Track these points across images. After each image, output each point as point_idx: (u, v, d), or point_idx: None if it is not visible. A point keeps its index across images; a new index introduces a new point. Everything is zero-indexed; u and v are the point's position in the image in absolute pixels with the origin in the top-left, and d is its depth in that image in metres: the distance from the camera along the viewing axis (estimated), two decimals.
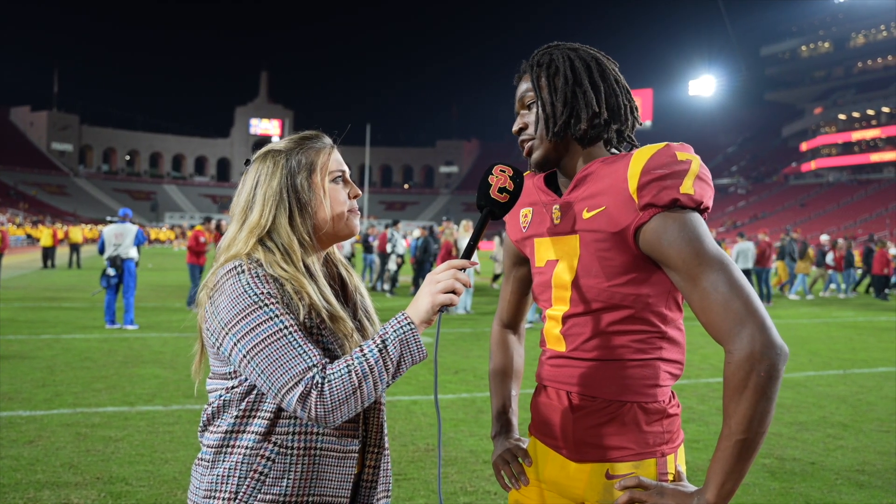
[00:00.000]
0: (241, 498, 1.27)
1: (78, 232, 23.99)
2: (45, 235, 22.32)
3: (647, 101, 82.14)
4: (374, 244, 16.26)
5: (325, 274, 1.43)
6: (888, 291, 18.15)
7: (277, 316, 1.25)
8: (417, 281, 14.79)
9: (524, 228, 1.50)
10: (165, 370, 6.61)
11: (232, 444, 1.30)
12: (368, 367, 1.24)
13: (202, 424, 1.36)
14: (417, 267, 14.44)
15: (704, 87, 79.68)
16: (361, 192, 1.51)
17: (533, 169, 1.46)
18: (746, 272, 15.17)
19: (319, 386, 1.21)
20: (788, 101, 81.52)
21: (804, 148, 72.47)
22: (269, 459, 1.27)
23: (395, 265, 15.13)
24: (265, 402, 1.29)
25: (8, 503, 3.41)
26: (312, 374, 1.22)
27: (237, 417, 1.30)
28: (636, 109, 1.43)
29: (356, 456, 1.36)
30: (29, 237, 40.29)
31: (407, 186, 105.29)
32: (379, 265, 15.66)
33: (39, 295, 13.50)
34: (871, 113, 66.63)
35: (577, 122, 1.37)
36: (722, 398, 1.23)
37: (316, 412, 1.21)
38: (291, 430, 1.29)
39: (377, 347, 1.25)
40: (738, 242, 15.82)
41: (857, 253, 19.98)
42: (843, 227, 50.24)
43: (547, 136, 1.38)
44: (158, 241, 49.63)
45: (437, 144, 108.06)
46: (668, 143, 1.31)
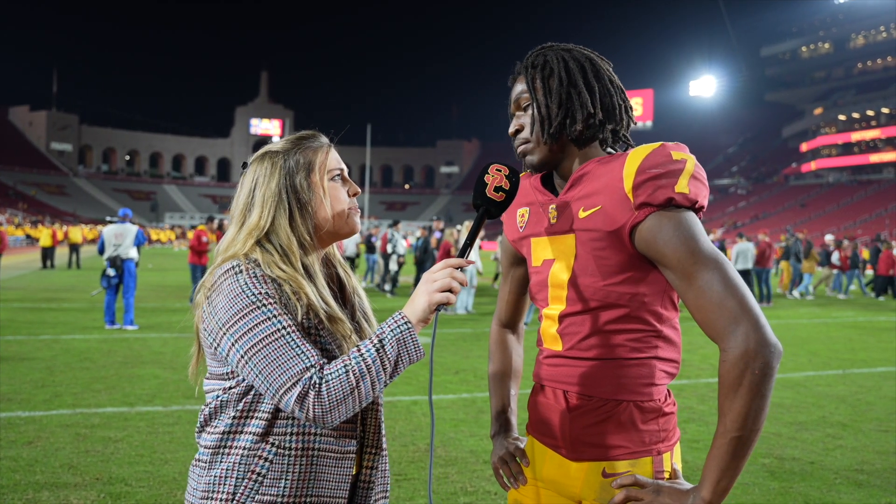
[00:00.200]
0: (238, 499, 1.26)
1: (77, 232, 23.98)
2: (44, 236, 22.32)
3: (647, 101, 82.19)
4: (377, 244, 16.37)
5: (324, 274, 1.43)
6: (887, 293, 18.12)
7: (275, 316, 1.25)
8: (418, 281, 14.79)
9: (521, 228, 1.51)
10: (165, 371, 6.61)
11: (229, 444, 1.29)
12: (366, 366, 1.23)
13: (199, 425, 1.35)
14: (419, 267, 14.45)
15: (705, 87, 79.79)
16: (361, 191, 1.51)
17: (530, 170, 1.47)
18: (746, 272, 15.17)
19: (317, 386, 1.21)
20: (789, 101, 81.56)
21: (804, 148, 72.49)
22: (266, 460, 1.27)
23: (395, 265, 15.15)
24: (263, 402, 1.29)
25: None
26: (310, 374, 1.22)
27: (235, 418, 1.30)
28: (631, 109, 1.43)
29: (354, 456, 1.36)
30: (28, 237, 40.29)
31: (407, 186, 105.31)
32: (382, 265, 15.71)
33: (39, 295, 13.50)
34: (870, 113, 66.65)
35: (572, 123, 1.37)
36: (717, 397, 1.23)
37: (314, 412, 1.21)
38: (289, 430, 1.28)
39: (374, 347, 1.25)
40: (737, 243, 15.83)
41: (860, 253, 19.86)
42: (842, 227, 50.22)
43: (543, 137, 1.39)
44: (159, 241, 49.62)
45: (437, 144, 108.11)
46: (663, 142, 1.31)
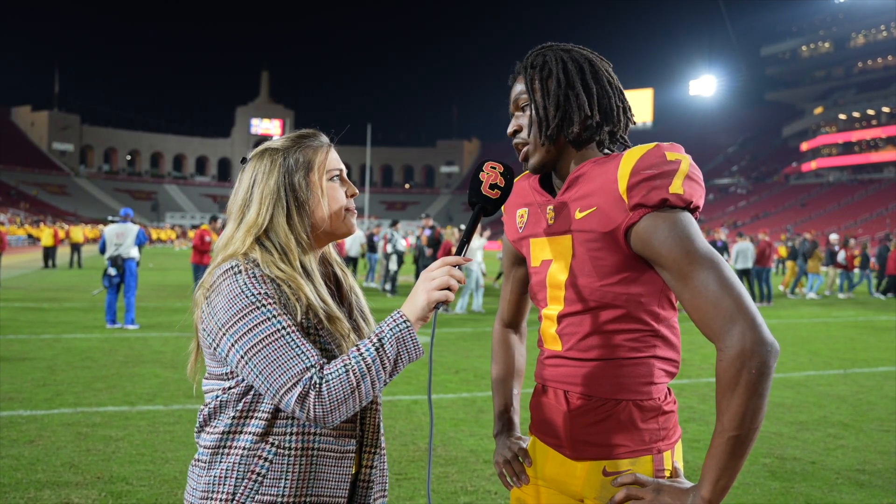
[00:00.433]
0: (238, 499, 1.26)
1: (79, 232, 24.02)
2: (46, 235, 22.35)
3: (647, 101, 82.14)
4: (378, 244, 16.42)
5: (321, 273, 1.43)
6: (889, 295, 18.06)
7: (275, 316, 1.25)
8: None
9: (520, 229, 1.51)
10: (166, 370, 6.61)
11: (229, 445, 1.29)
12: (366, 366, 1.23)
13: (198, 425, 1.35)
14: (418, 265, 14.50)
15: (705, 87, 79.75)
16: (362, 191, 1.52)
17: (530, 171, 1.47)
18: (746, 272, 15.17)
19: (318, 386, 1.21)
20: (789, 100, 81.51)
21: (805, 148, 72.44)
22: (266, 460, 1.27)
23: (395, 265, 15.16)
24: (262, 402, 1.29)
25: (8, 503, 3.41)
26: (310, 374, 1.22)
27: (234, 418, 1.29)
28: (629, 109, 1.43)
29: (353, 456, 1.36)
30: (30, 237, 40.32)
31: (408, 186, 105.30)
32: (384, 265, 15.75)
33: (40, 295, 13.50)
34: (871, 113, 66.59)
35: (569, 125, 1.38)
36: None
37: (314, 412, 1.21)
38: (289, 430, 1.28)
39: (374, 346, 1.25)
40: (737, 242, 15.83)
41: (870, 253, 19.77)
42: (843, 226, 50.17)
43: (540, 139, 1.39)
44: (160, 240, 49.64)
45: (437, 144, 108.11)
46: (657, 143, 1.31)
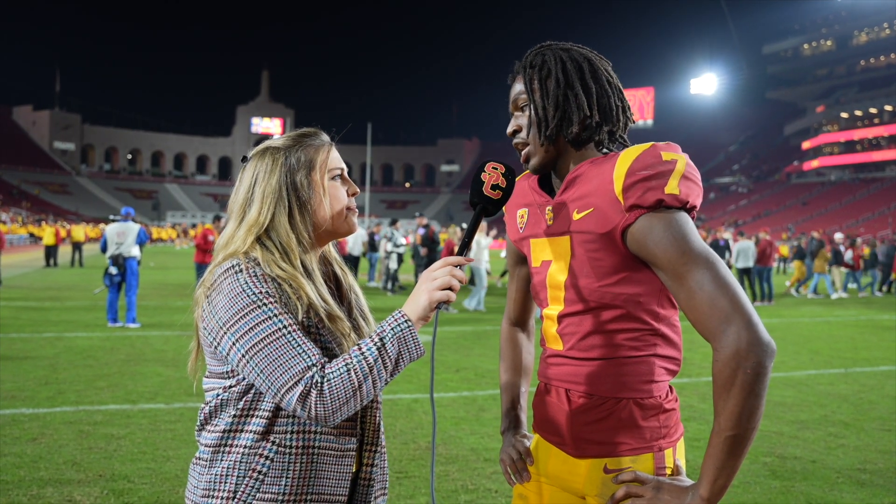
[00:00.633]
0: (239, 497, 1.27)
1: (80, 231, 24.01)
2: (47, 234, 22.37)
3: (648, 99, 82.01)
4: (379, 243, 16.47)
5: (321, 272, 1.43)
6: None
7: (276, 315, 1.25)
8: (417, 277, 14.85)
9: (521, 229, 1.52)
10: (167, 368, 6.62)
11: (230, 443, 1.29)
12: (368, 365, 1.23)
13: (199, 423, 1.35)
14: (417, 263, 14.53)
15: (706, 85, 79.57)
16: (362, 190, 1.52)
17: (530, 171, 1.48)
18: (747, 270, 15.17)
19: (319, 385, 1.21)
20: (790, 99, 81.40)
21: (806, 146, 72.36)
22: (267, 458, 1.27)
23: (395, 264, 15.17)
24: (263, 401, 1.29)
25: (11, 500, 3.42)
26: (312, 373, 1.22)
27: (235, 417, 1.30)
28: (628, 109, 1.43)
29: (354, 454, 1.36)
30: (31, 236, 40.34)
31: (408, 185, 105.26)
32: (385, 264, 15.78)
33: (42, 294, 13.52)
34: (873, 111, 66.50)
35: (568, 126, 1.38)
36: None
37: (316, 411, 1.21)
38: (290, 429, 1.29)
39: (375, 346, 1.25)
40: (738, 241, 15.83)
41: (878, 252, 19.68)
42: (845, 225, 50.13)
43: (539, 140, 1.39)
44: (161, 239, 49.67)
45: (438, 143, 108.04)
46: (653, 143, 1.31)
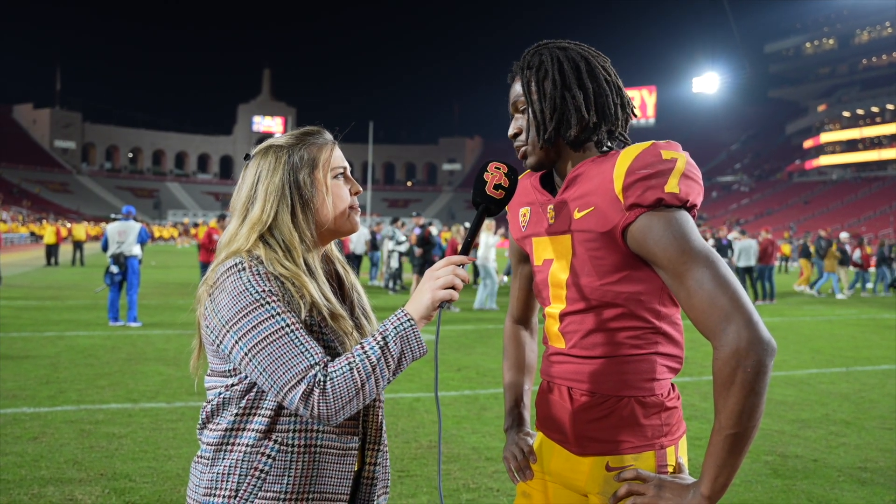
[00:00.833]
0: (241, 495, 1.27)
1: (81, 230, 24.04)
2: (48, 233, 22.40)
3: (650, 98, 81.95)
4: (381, 242, 16.54)
5: (324, 271, 1.43)
6: None
7: (279, 314, 1.25)
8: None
9: (523, 228, 1.53)
10: (169, 367, 6.63)
11: (232, 441, 1.29)
12: (370, 364, 1.23)
13: (201, 422, 1.36)
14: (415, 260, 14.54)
15: (708, 84, 79.50)
16: (364, 189, 1.52)
17: (530, 170, 1.49)
18: (749, 269, 15.17)
19: (322, 384, 1.21)
20: (792, 98, 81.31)
21: (808, 145, 72.27)
22: (269, 457, 1.27)
23: (396, 262, 15.18)
24: (265, 399, 1.29)
25: (13, 499, 3.43)
26: (315, 371, 1.22)
27: (237, 415, 1.30)
28: (628, 105, 1.43)
29: (356, 453, 1.36)
30: (32, 235, 40.37)
31: (410, 184, 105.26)
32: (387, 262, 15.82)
33: (43, 293, 13.53)
34: (875, 110, 66.43)
35: (567, 127, 1.38)
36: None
37: (318, 410, 1.21)
38: (292, 427, 1.29)
39: (378, 344, 1.25)
40: (739, 240, 15.83)
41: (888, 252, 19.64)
42: (846, 224, 50.09)
43: (538, 142, 1.40)
44: (162, 238, 49.71)
45: (439, 142, 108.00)
46: (654, 142, 1.32)
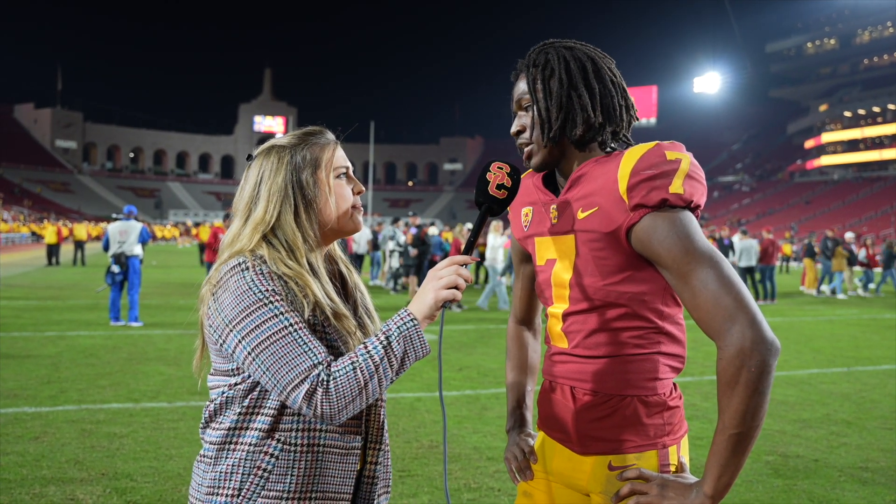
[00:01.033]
0: (244, 495, 1.27)
1: (82, 229, 24.04)
2: (49, 233, 22.42)
3: (651, 98, 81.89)
4: (382, 241, 16.58)
5: (327, 271, 1.43)
6: None
7: (282, 313, 1.25)
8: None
9: (525, 227, 1.52)
10: (170, 367, 6.63)
11: (235, 440, 1.30)
12: (374, 364, 1.24)
13: (204, 421, 1.36)
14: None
15: (709, 84, 79.46)
16: (365, 188, 1.52)
17: (533, 169, 1.48)
18: (750, 269, 15.16)
19: (325, 383, 1.21)
20: (794, 98, 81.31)
21: (809, 145, 72.26)
22: (272, 456, 1.27)
23: (397, 262, 15.18)
24: (268, 398, 1.29)
25: (14, 499, 3.43)
26: (318, 371, 1.22)
27: (240, 414, 1.30)
28: (632, 107, 1.43)
29: (358, 452, 1.36)
30: (33, 234, 40.39)
31: (411, 184, 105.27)
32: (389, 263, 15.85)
33: (44, 292, 13.54)
34: (876, 110, 66.40)
35: (572, 127, 1.38)
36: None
37: (322, 409, 1.22)
38: (295, 426, 1.29)
39: (381, 344, 1.25)
40: (742, 239, 15.82)
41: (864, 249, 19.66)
42: (848, 224, 50.05)
43: (543, 140, 1.40)
44: (163, 238, 49.75)
45: (440, 142, 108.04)
46: (658, 142, 1.32)
